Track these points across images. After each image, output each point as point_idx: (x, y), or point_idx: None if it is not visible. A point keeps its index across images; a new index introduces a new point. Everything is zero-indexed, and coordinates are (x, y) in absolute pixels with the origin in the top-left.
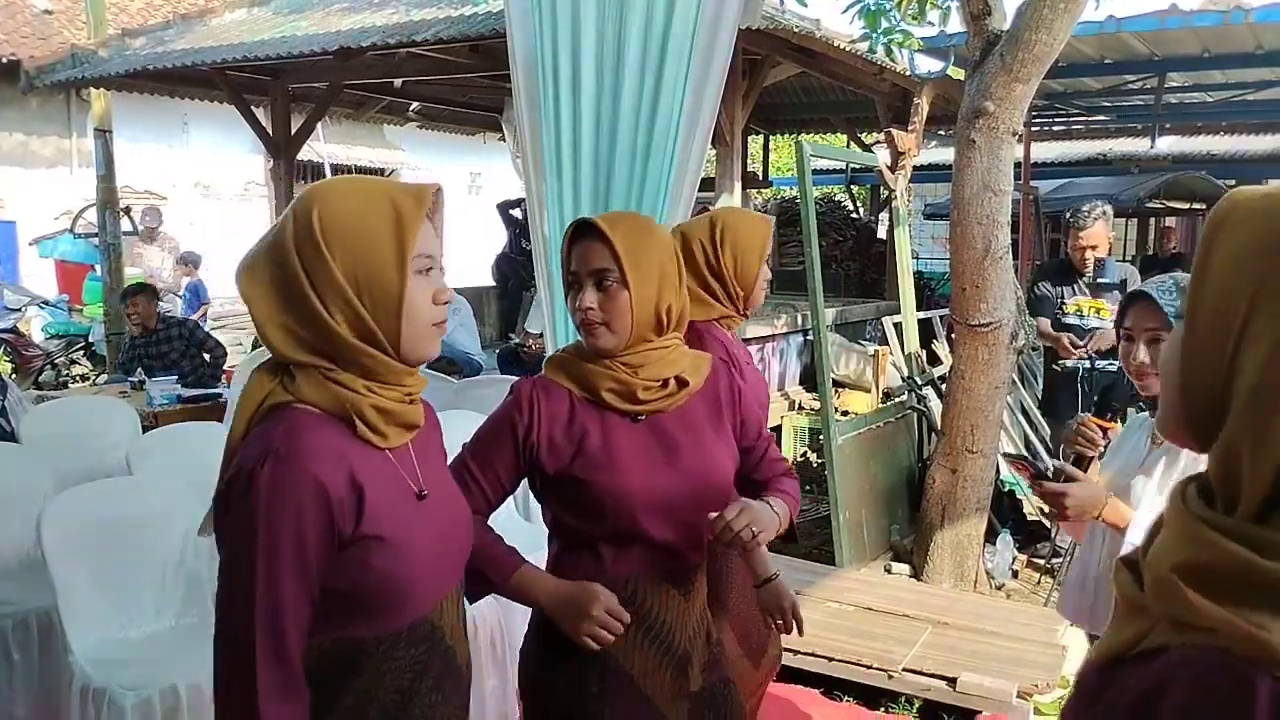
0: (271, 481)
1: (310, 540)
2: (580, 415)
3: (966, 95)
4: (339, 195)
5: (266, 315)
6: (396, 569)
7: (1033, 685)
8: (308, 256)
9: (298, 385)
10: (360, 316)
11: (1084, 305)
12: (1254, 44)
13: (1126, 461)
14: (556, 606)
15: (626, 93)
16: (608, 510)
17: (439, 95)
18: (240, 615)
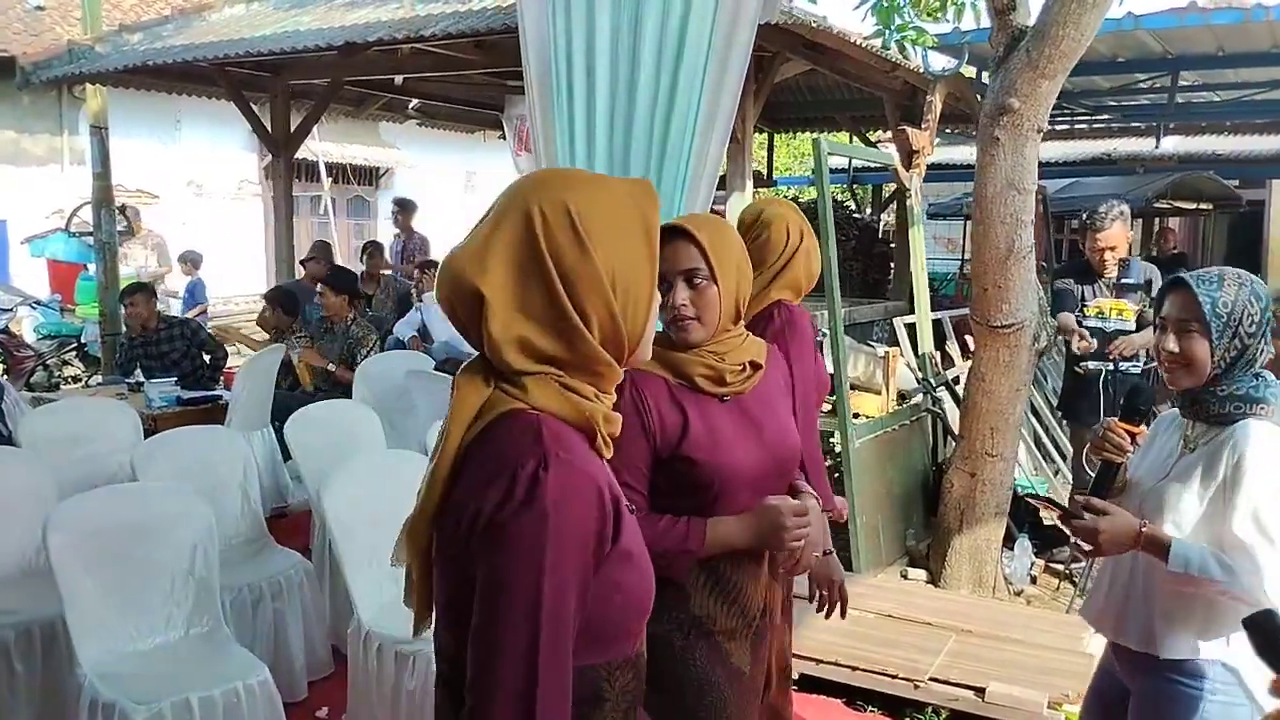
0: (560, 485)
1: (592, 556)
2: (679, 398)
3: (990, 92)
4: (584, 188)
5: (503, 327)
6: (641, 585)
7: (1063, 695)
8: (568, 254)
9: (530, 393)
10: (614, 317)
11: (1106, 307)
12: (1270, 42)
13: (1156, 463)
14: (753, 537)
15: (642, 88)
16: (715, 486)
17: (440, 92)
18: (522, 642)
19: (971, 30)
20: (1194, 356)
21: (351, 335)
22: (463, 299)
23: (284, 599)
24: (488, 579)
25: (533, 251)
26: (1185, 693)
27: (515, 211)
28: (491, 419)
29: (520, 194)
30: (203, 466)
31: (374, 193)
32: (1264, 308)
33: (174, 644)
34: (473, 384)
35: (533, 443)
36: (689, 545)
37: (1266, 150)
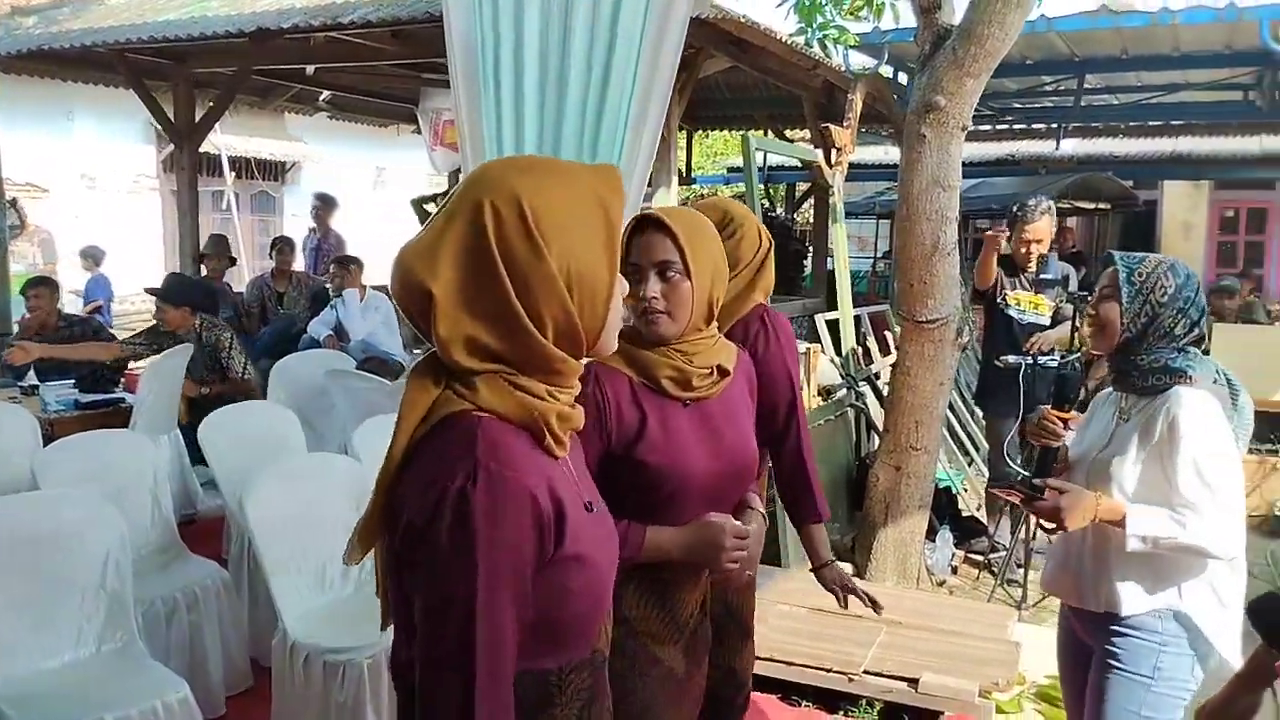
0: (488, 499)
1: (528, 564)
2: (640, 398)
3: (916, 89)
4: (545, 182)
5: (451, 328)
6: (592, 588)
7: (993, 683)
8: (519, 254)
9: (478, 393)
10: (569, 316)
11: (1024, 299)
12: (1171, 46)
13: (1095, 437)
14: (690, 552)
15: (573, 83)
16: (666, 490)
17: (352, 84)
18: (456, 655)
19: (891, 30)
20: (1106, 320)
21: (207, 344)
22: (413, 297)
23: (200, 610)
24: (422, 589)
25: (483, 251)
26: (1142, 646)
27: (467, 207)
28: (437, 421)
29: (474, 187)
30: (109, 472)
31: (279, 188)
32: (1180, 284)
33: (85, 661)
34: (422, 384)
35: (465, 452)
36: (626, 550)
37: (1159, 152)
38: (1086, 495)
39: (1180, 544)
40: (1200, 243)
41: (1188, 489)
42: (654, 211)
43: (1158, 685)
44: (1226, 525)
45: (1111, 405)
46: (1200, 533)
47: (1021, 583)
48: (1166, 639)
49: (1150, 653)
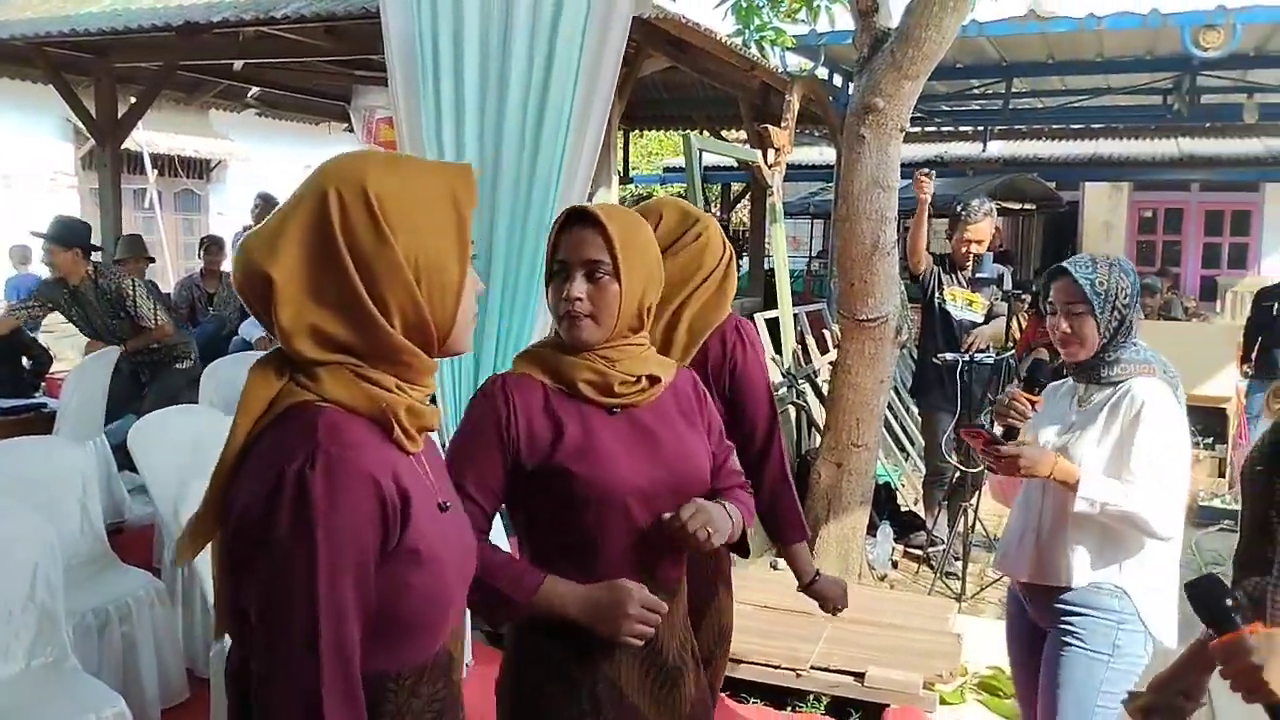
0: (328, 481)
1: (370, 551)
2: (556, 406)
3: (855, 91)
4: (393, 172)
5: (293, 316)
6: (434, 588)
7: (936, 675)
8: (364, 241)
9: (322, 384)
10: (418, 307)
11: (959, 295)
12: (1096, 51)
13: (1053, 423)
14: (589, 613)
15: (514, 83)
16: (592, 503)
17: (282, 80)
18: (301, 646)
19: (828, 32)
20: (1084, 333)
21: (106, 292)
22: (253, 285)
23: (133, 622)
24: (261, 579)
25: (326, 236)
26: (1100, 623)
27: (311, 195)
28: (278, 413)
29: (320, 175)
30: (35, 481)
31: (204, 186)
32: (1132, 281)
33: (15, 678)
34: (264, 376)
35: (304, 438)
36: (516, 593)
37: (1081, 154)
38: (1046, 454)
39: (1123, 511)
40: (1120, 242)
41: (1138, 468)
42: (587, 206)
43: (1116, 662)
44: (1168, 504)
45: (1068, 395)
46: (1143, 505)
47: (960, 575)
48: (1124, 616)
49: (1109, 630)
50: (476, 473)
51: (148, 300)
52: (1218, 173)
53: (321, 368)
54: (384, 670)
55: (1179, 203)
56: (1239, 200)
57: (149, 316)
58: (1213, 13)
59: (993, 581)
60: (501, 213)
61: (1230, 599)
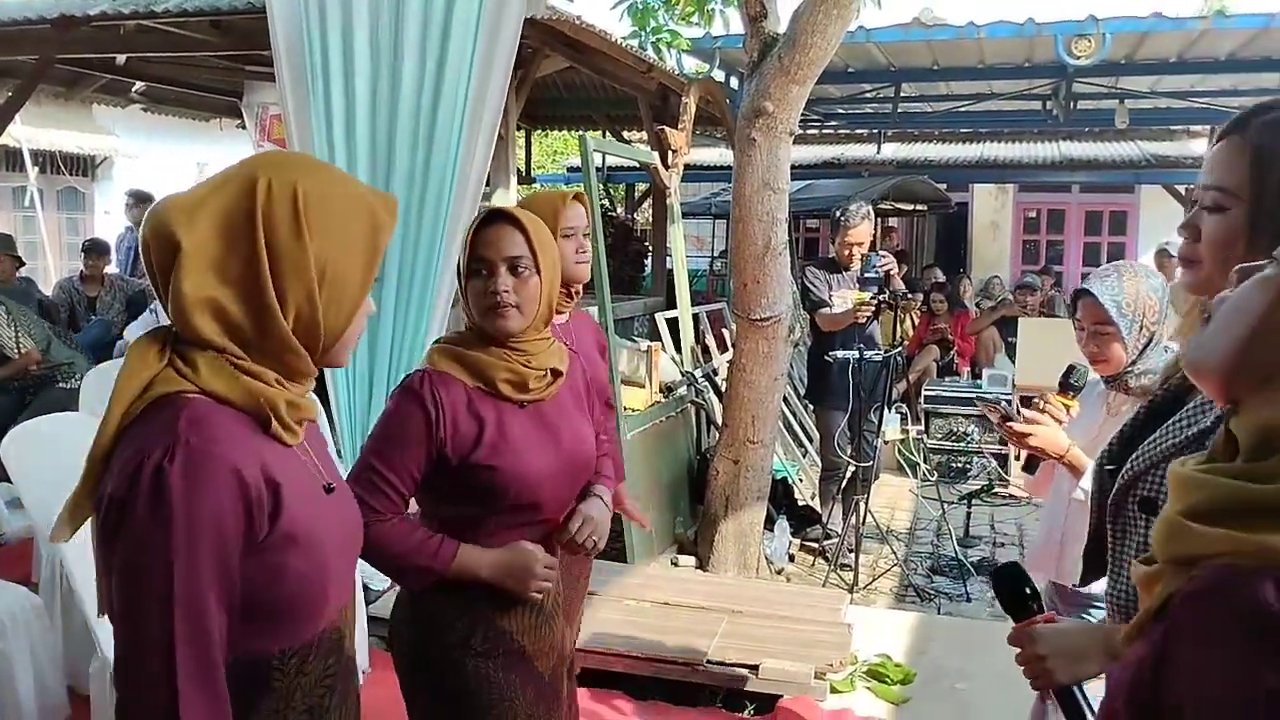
0: (185, 474)
1: (231, 542)
2: (476, 404)
3: (746, 95)
4: (321, 177)
5: (196, 286)
6: (313, 571)
7: (827, 665)
8: (281, 233)
9: (199, 373)
10: (314, 310)
11: (850, 298)
12: (977, 58)
13: (1082, 431)
14: (500, 572)
15: (406, 81)
16: (510, 493)
17: (170, 75)
18: (155, 635)
19: (723, 36)
20: (1110, 354)
21: None
22: (161, 248)
23: (9, 639)
24: (119, 568)
25: (247, 219)
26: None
27: (241, 178)
28: (149, 401)
29: (253, 164)
30: None
31: (89, 184)
32: (1160, 297)
33: None
34: (144, 358)
35: (166, 430)
36: (435, 564)
37: (969, 157)
38: (1061, 437)
39: None
40: (1006, 241)
41: None
42: (505, 207)
43: None
44: None
45: (1099, 400)
46: None
47: (853, 567)
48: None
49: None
50: (398, 463)
51: (7, 328)
52: (1096, 175)
53: (201, 354)
54: (266, 651)
55: (1061, 204)
56: (1116, 201)
57: (10, 345)
58: (1084, 23)
59: (884, 572)
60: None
61: (1029, 588)
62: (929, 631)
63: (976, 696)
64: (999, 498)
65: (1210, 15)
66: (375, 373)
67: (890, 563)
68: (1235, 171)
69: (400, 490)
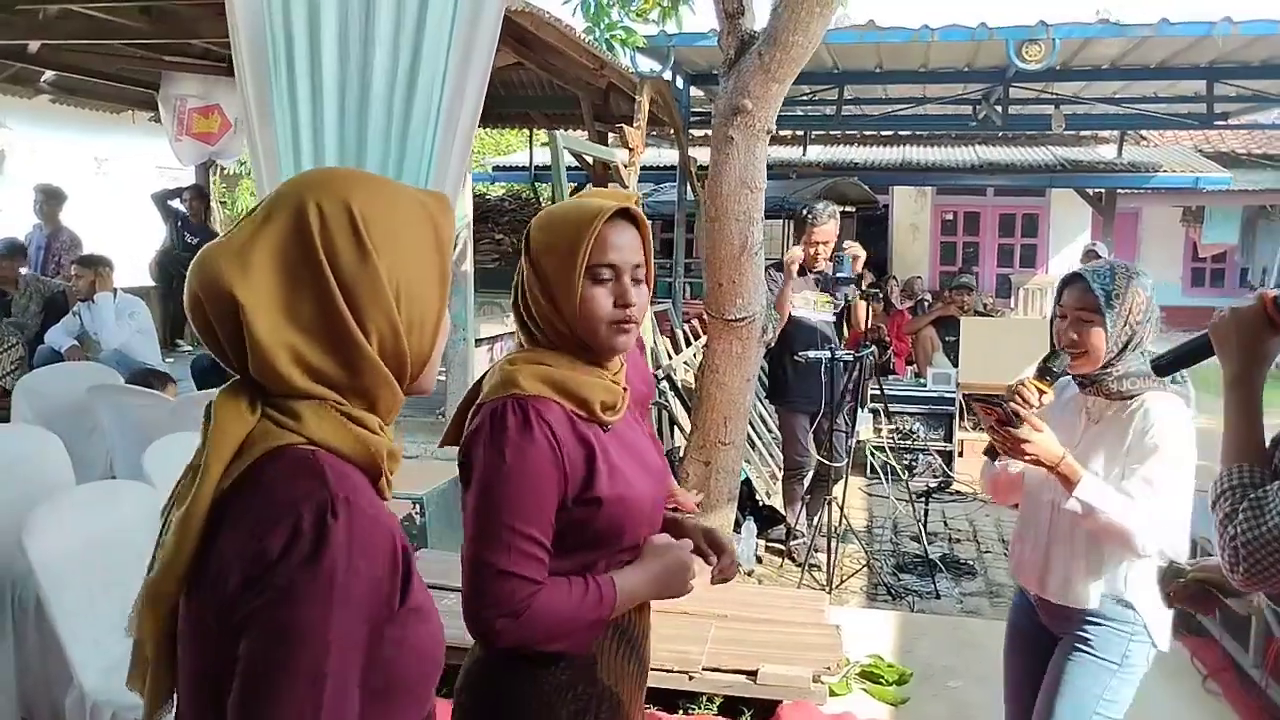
0: (350, 537)
1: (382, 614)
2: (580, 430)
3: (723, 93)
4: (372, 189)
5: (271, 332)
6: (432, 646)
7: (824, 668)
8: (347, 258)
9: (305, 423)
10: (397, 336)
11: (811, 299)
12: (921, 62)
13: (1060, 437)
14: (661, 587)
15: (378, 69)
16: (628, 528)
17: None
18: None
19: (677, 34)
20: (1091, 343)
21: None
22: (217, 305)
23: None
24: (262, 645)
25: (306, 253)
26: (1115, 635)
27: (288, 207)
28: (259, 455)
29: (295, 189)
30: None
31: None
32: (1149, 296)
33: None
34: (235, 410)
35: (316, 484)
36: (604, 611)
37: (891, 160)
38: (1056, 446)
39: (1111, 522)
40: (925, 242)
41: (1136, 486)
42: (626, 203)
43: (1122, 671)
44: (1160, 525)
45: (1076, 406)
46: (1134, 521)
47: (822, 566)
48: (1135, 628)
49: (1121, 641)
50: (537, 515)
51: None
52: (1014, 179)
53: (303, 403)
54: None
55: (977, 207)
56: (1029, 205)
57: None
58: (1034, 28)
59: (855, 571)
60: None
61: None
62: (912, 630)
63: (970, 694)
64: (947, 494)
65: (1156, 23)
66: None
67: (857, 562)
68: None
69: (548, 548)
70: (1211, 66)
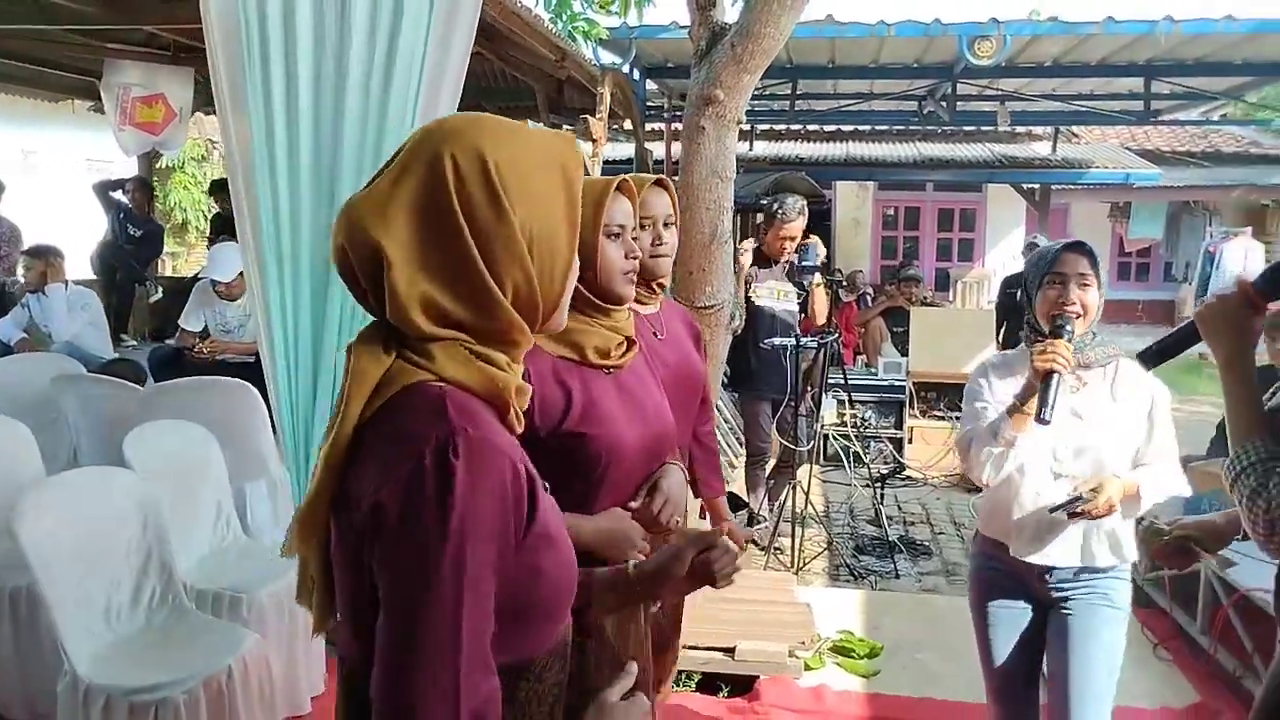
0: (470, 467)
1: (509, 539)
2: (561, 372)
3: (694, 83)
4: (505, 138)
5: (407, 282)
6: (561, 573)
7: (798, 644)
8: (482, 210)
9: (437, 361)
10: (530, 282)
11: (775, 289)
12: (872, 58)
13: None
14: (602, 539)
15: (354, 56)
16: (603, 461)
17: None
18: (443, 641)
19: (639, 27)
20: (1090, 304)
21: None
22: (360, 254)
23: None
24: (398, 571)
25: (442, 205)
26: (1124, 585)
27: (423, 159)
28: (393, 393)
29: (429, 140)
30: None
31: None
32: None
33: None
34: (372, 353)
35: (438, 419)
36: None
37: (835, 155)
38: (1112, 482)
39: (1158, 497)
40: (867, 237)
41: (1165, 445)
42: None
43: (1124, 614)
44: (1166, 479)
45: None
46: (1166, 487)
47: (792, 549)
48: (1124, 570)
49: (1128, 589)
50: None
51: None
52: (954, 174)
53: (435, 344)
54: (517, 660)
55: (916, 202)
56: (967, 200)
57: None
58: (986, 24)
59: (818, 554)
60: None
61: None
62: (878, 607)
63: (937, 665)
64: (899, 479)
65: (1102, 21)
66: (320, 364)
67: (819, 545)
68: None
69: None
70: (1149, 64)
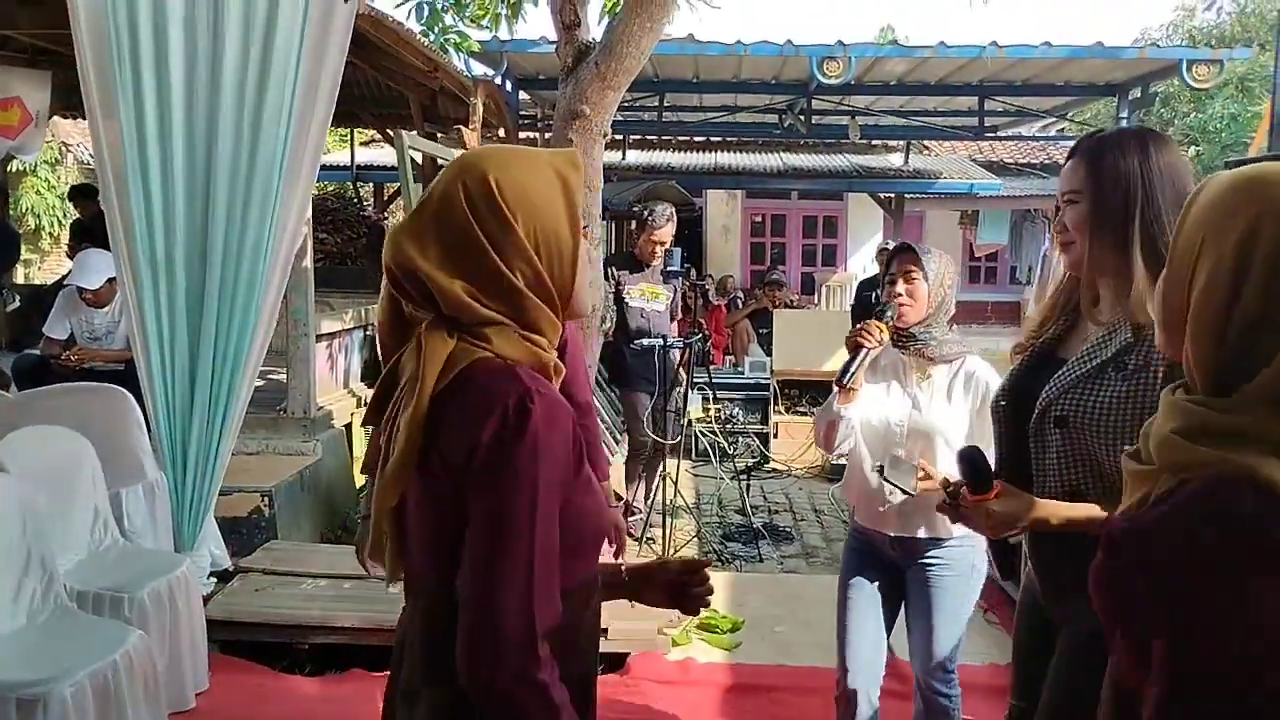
0: (545, 418)
1: (570, 481)
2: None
3: (562, 98)
4: (506, 161)
5: (447, 282)
6: (599, 514)
7: (667, 623)
8: (492, 225)
9: (495, 343)
10: (539, 274)
11: (647, 291)
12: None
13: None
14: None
15: (228, 63)
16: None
17: None
18: (522, 559)
19: (510, 40)
20: (917, 294)
21: None
22: (405, 272)
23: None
24: (489, 508)
25: (459, 220)
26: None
27: (446, 190)
28: (463, 367)
29: (451, 172)
30: None
31: None
32: (954, 278)
33: None
34: (439, 337)
35: (514, 382)
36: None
37: (704, 165)
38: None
39: None
40: (736, 243)
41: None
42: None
43: (973, 579)
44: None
45: (898, 369)
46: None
47: (664, 538)
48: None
49: (974, 555)
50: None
51: None
52: (816, 183)
53: (489, 328)
54: (567, 586)
55: (782, 210)
56: (829, 208)
57: None
58: (834, 46)
59: (687, 542)
60: (218, 210)
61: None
62: (742, 588)
63: (794, 636)
64: (764, 472)
65: (936, 45)
66: (198, 369)
67: (688, 534)
68: (1078, 176)
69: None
70: (982, 85)
